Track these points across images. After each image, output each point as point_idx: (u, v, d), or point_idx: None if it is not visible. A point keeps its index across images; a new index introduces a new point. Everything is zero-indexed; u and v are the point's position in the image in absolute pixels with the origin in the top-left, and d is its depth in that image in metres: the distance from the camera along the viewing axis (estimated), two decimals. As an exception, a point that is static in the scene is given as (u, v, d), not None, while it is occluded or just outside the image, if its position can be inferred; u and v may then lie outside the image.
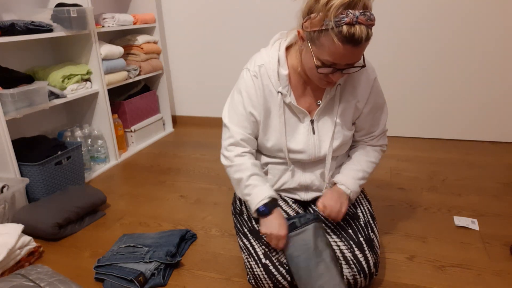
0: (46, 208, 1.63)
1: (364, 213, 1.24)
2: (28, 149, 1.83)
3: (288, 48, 1.14)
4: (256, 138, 1.21)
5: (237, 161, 1.16)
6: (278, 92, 1.12)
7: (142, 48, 2.58)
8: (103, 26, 2.29)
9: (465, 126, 2.44)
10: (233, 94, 1.20)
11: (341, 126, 1.16)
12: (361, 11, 0.90)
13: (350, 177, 1.19)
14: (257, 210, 1.12)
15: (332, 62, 0.97)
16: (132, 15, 2.50)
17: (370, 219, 1.22)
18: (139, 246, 1.41)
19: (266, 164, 1.24)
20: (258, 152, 1.27)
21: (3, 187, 1.64)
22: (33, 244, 1.45)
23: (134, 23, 2.53)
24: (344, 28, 0.89)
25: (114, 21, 2.34)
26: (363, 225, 1.19)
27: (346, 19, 0.89)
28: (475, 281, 1.23)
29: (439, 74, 2.37)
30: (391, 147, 2.41)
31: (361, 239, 1.15)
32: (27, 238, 1.43)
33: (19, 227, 1.43)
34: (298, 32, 1.03)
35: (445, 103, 2.42)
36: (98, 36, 2.45)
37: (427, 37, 2.31)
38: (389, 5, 2.30)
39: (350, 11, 0.89)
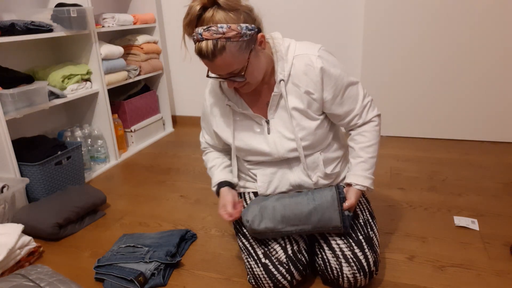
0: (46, 208, 1.63)
1: (363, 211, 1.24)
2: (28, 149, 1.83)
3: None
4: (220, 144, 1.32)
5: (204, 158, 1.40)
6: (227, 105, 1.18)
7: (142, 48, 2.58)
8: (103, 26, 2.29)
9: (465, 126, 2.44)
10: None
11: (299, 119, 1.14)
12: (205, 27, 0.94)
13: (360, 175, 1.18)
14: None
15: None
16: (132, 15, 2.50)
17: (369, 218, 1.23)
18: (139, 246, 1.41)
19: (255, 174, 1.25)
20: (244, 160, 1.27)
21: (3, 187, 1.64)
22: (33, 244, 1.45)
23: (134, 23, 2.53)
24: (196, 45, 0.97)
25: (114, 21, 2.34)
26: (362, 223, 1.19)
27: (195, 37, 0.97)
28: (475, 281, 1.23)
29: (439, 75, 2.37)
30: (391, 147, 2.41)
31: (361, 237, 1.15)
32: (27, 238, 1.43)
33: (19, 227, 1.43)
34: None
35: (445, 103, 2.42)
36: (98, 36, 2.45)
37: (428, 38, 2.31)
38: (388, 4, 2.30)
39: (196, 29, 0.96)
